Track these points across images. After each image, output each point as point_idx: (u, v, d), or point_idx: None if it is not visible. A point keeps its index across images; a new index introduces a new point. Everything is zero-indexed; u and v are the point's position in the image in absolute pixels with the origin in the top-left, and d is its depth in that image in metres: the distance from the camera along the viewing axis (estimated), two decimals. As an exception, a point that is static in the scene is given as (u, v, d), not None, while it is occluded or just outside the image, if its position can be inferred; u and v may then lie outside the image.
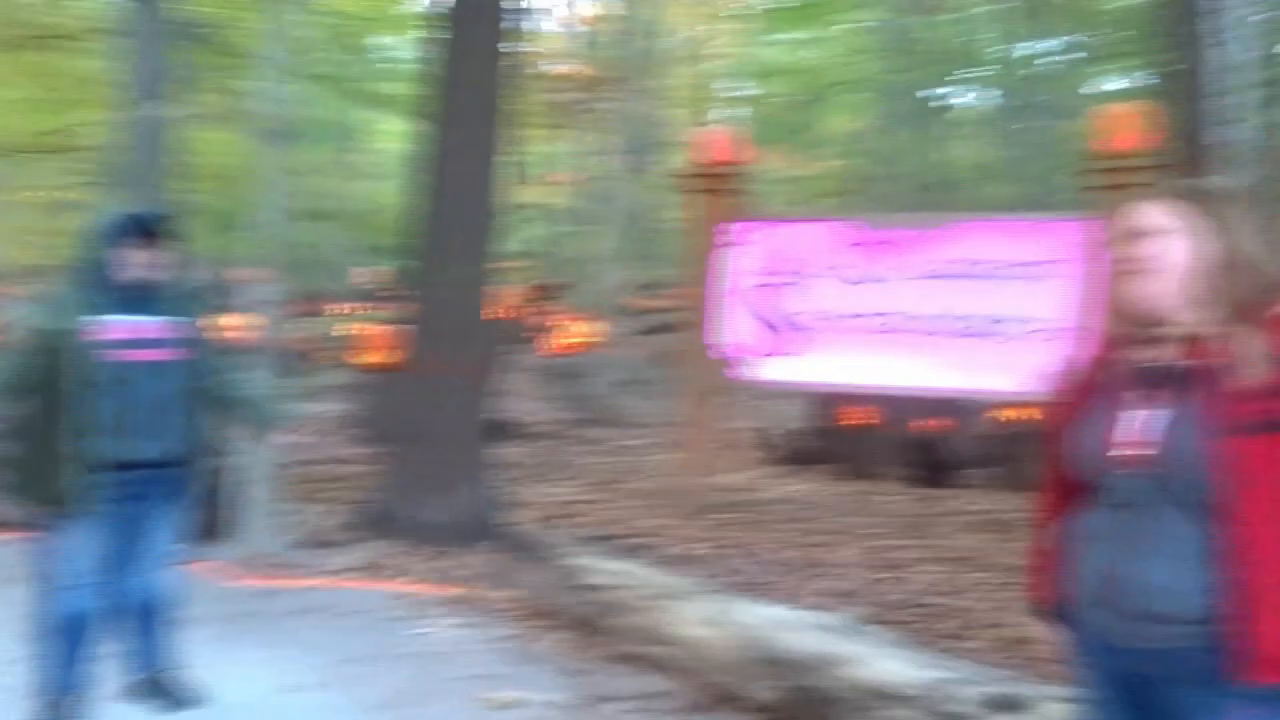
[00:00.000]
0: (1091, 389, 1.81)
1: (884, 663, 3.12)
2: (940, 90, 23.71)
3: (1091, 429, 1.77)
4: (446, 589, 4.67)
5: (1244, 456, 1.57)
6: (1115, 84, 21.57)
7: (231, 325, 8.23)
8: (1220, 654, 1.57)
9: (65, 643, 3.11)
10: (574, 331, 12.20)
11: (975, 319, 6.21)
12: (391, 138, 28.38)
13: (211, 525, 5.38)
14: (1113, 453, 1.72)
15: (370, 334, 9.32)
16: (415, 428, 5.52)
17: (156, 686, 3.34)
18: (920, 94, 22.46)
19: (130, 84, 7.19)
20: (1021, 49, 16.51)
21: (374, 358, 9.01)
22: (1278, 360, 1.59)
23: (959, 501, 7.08)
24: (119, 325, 3.05)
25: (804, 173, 27.76)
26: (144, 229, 3.08)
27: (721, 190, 6.89)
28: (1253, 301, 1.66)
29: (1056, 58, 18.56)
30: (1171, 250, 1.72)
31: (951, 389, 6.48)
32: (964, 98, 26.02)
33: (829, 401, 8.34)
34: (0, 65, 10.53)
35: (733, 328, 6.76)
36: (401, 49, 15.47)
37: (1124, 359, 1.76)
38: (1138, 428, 1.70)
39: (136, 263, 3.06)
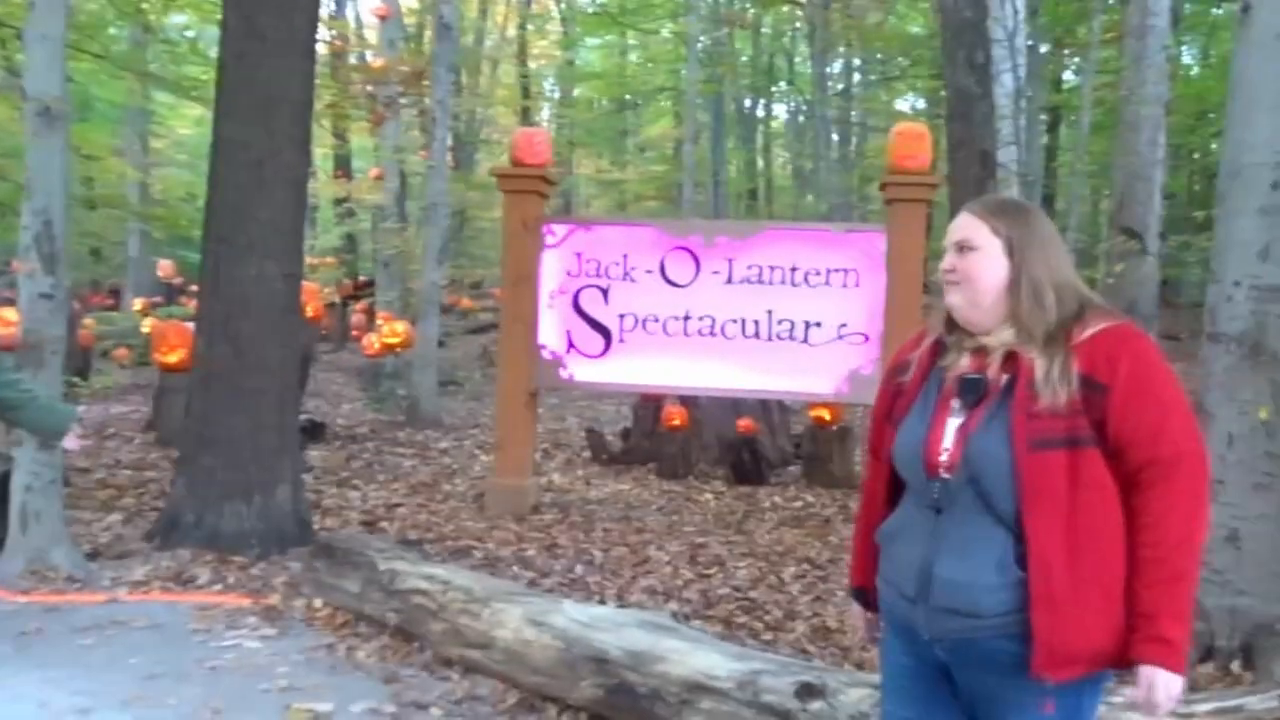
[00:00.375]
0: (913, 393, 1.93)
1: (701, 657, 3.22)
2: (754, 102, 24.68)
3: (910, 432, 1.89)
4: (256, 599, 4.48)
5: (1043, 470, 1.71)
6: (915, 103, 23.06)
7: (3, 320, 7.59)
8: (1017, 648, 1.71)
9: None
10: (393, 331, 11.90)
11: (786, 323, 6.48)
12: (196, 123, 26.89)
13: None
14: (928, 456, 1.83)
15: (170, 331, 8.77)
16: (214, 431, 5.24)
17: None
18: (737, 105, 23.27)
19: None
20: (828, 67, 17.30)
21: (174, 357, 8.48)
22: (1082, 381, 1.72)
23: (776, 498, 7.37)
24: None
25: (622, 177, 28.25)
26: None
27: (540, 191, 6.90)
28: (1062, 322, 1.78)
29: (859, 77, 19.58)
30: (982, 264, 1.83)
31: (764, 390, 6.73)
32: (777, 111, 27.20)
33: (651, 403, 8.50)
34: None
35: (552, 329, 6.78)
36: (202, 30, 14.68)
37: (945, 366, 1.89)
38: (951, 434, 1.82)
39: None
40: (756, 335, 6.51)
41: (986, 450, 1.75)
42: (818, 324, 6.43)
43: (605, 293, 6.71)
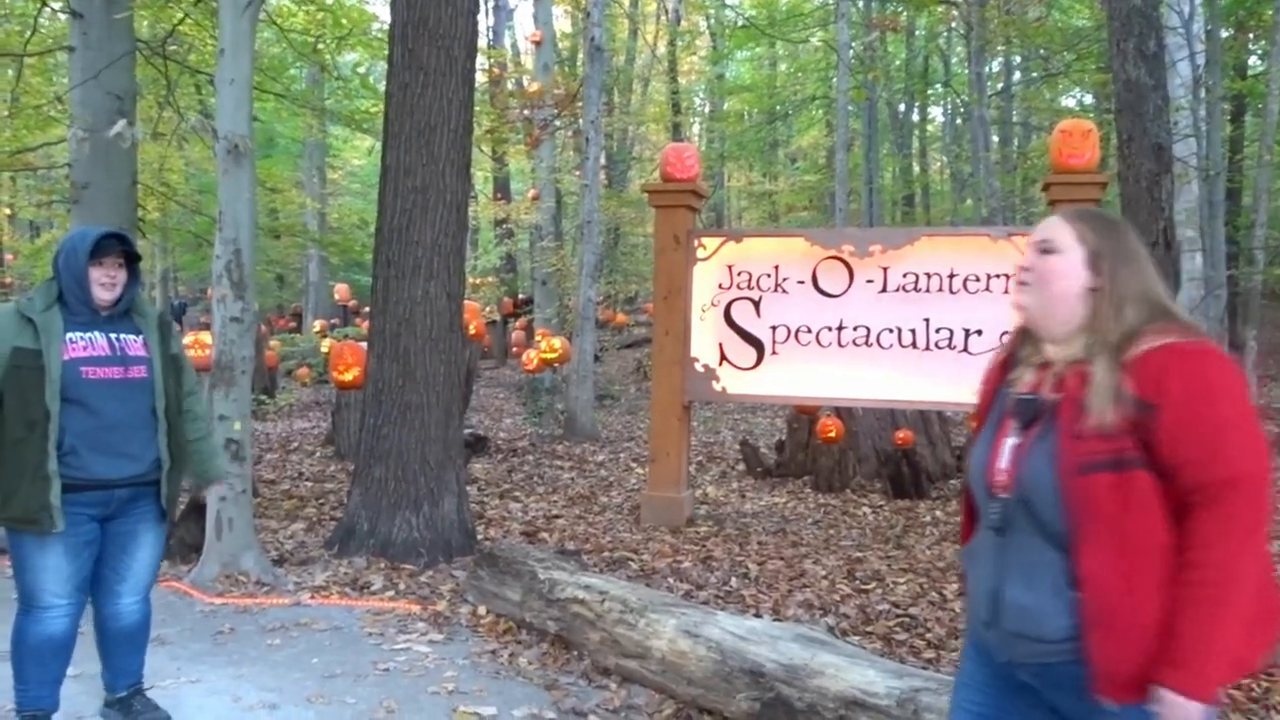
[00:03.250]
0: (984, 410, 1.91)
1: (859, 673, 3.16)
2: (909, 106, 24.10)
3: (977, 451, 1.87)
4: (424, 605, 4.68)
5: (1090, 493, 1.64)
6: (1080, 99, 21.99)
7: (200, 343, 8.22)
8: (1085, 671, 1.66)
9: (37, 663, 3.11)
10: (550, 347, 12.21)
11: (945, 331, 6.30)
12: (367, 154, 28.40)
13: (187, 544, 5.37)
14: (988, 477, 1.81)
15: (346, 350, 9.29)
16: (384, 445, 5.51)
17: (130, 708, 3.33)
18: (890, 110, 22.79)
19: (90, 101, 7.18)
20: (986, 66, 16.72)
21: (350, 375, 8.98)
22: (1131, 400, 1.63)
23: (937, 512, 7.16)
24: (88, 343, 3.08)
25: (773, 188, 28.10)
26: (107, 248, 3.11)
27: (690, 205, 6.96)
28: (1122, 337, 1.70)
29: (1019, 75, 18.83)
30: (1060, 269, 1.77)
31: (922, 401, 6.56)
32: (933, 114, 26.48)
33: (806, 415, 8.42)
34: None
35: (704, 341, 6.81)
36: (371, 66, 15.51)
37: (1012, 380, 1.85)
38: (1007, 455, 1.79)
39: (103, 282, 3.10)
40: (914, 344, 6.36)
41: (1036, 471, 1.71)
42: (978, 331, 6.23)
43: (757, 305, 6.70)
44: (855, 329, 6.47)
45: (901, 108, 23.83)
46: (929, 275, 6.35)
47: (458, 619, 4.52)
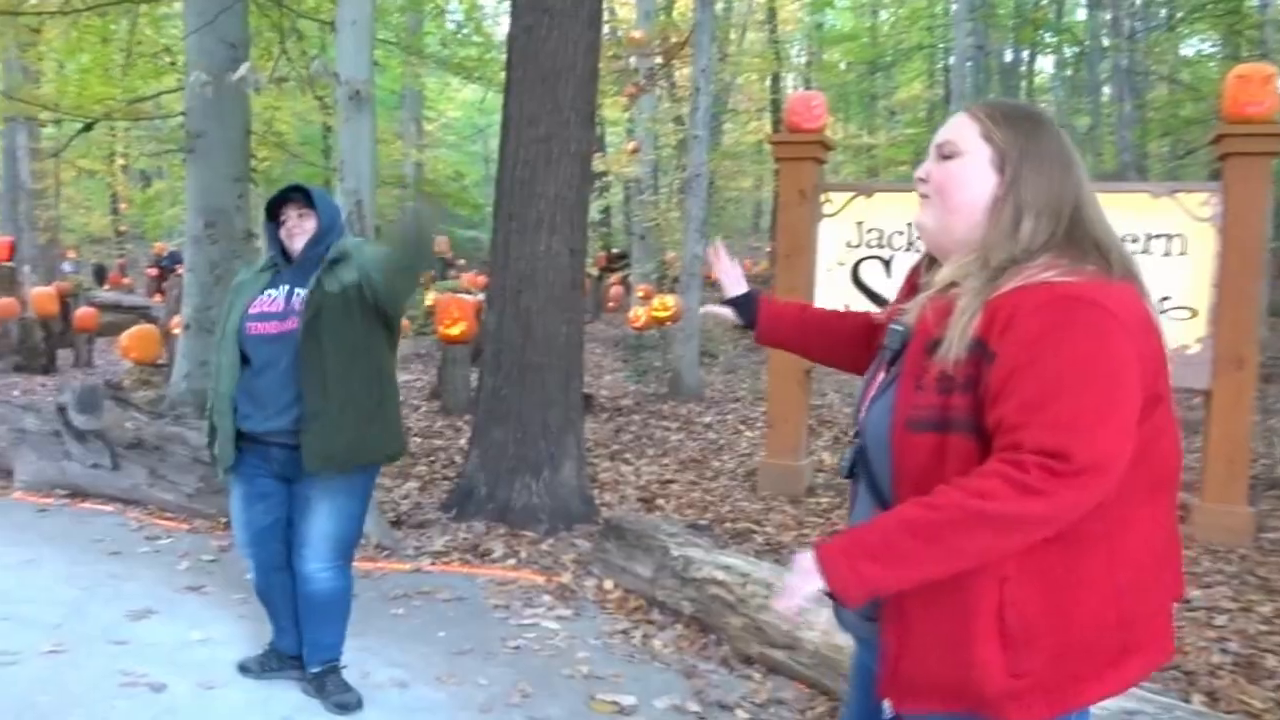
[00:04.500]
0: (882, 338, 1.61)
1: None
2: (1016, 56, 22.92)
3: (861, 386, 1.64)
4: (548, 577, 4.48)
5: (912, 454, 1.37)
6: (1199, 48, 20.59)
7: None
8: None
9: (264, 606, 3.32)
10: (663, 305, 11.94)
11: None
12: (463, 106, 28.35)
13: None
14: (856, 416, 1.58)
15: (453, 304, 9.15)
16: (504, 406, 5.31)
17: (323, 686, 3.20)
18: (999, 59, 21.69)
19: (205, 48, 7.08)
20: (1105, 13, 15.68)
21: (456, 329, 8.85)
22: (976, 345, 1.32)
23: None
24: (269, 299, 3.06)
25: (873, 141, 27.15)
26: (281, 203, 3.11)
27: (816, 157, 6.57)
28: (1006, 261, 1.37)
29: (1138, 24, 17.67)
30: (962, 176, 1.46)
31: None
32: (1040, 66, 25.18)
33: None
34: (66, 32, 10.50)
35: (829, 302, 6.44)
36: (475, 14, 15.28)
37: (905, 310, 1.53)
38: (868, 394, 1.55)
39: (282, 236, 3.11)
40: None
41: (875, 419, 1.48)
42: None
43: (888, 264, 6.30)
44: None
45: (1008, 56, 22.64)
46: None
47: (583, 593, 4.31)
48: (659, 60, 14.44)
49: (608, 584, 4.34)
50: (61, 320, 12.74)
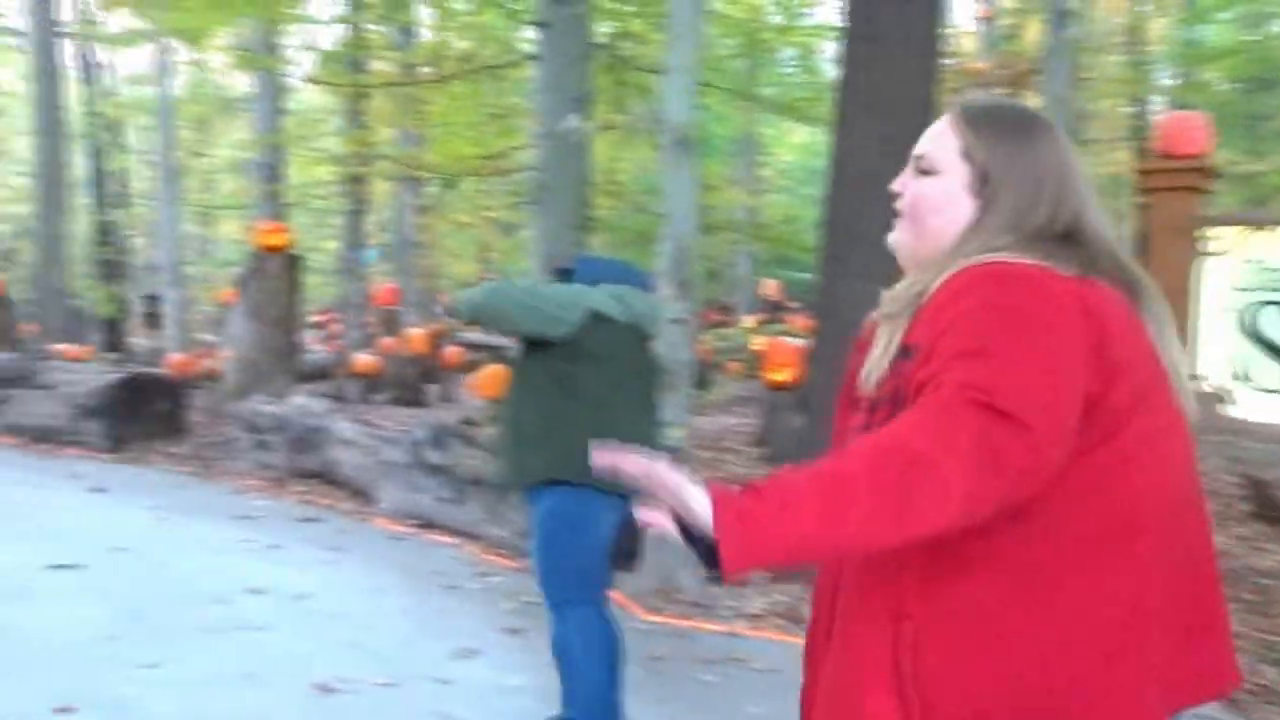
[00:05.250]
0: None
1: None
2: None
3: None
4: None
5: None
6: None
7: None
8: None
9: None
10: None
11: None
12: (797, 150, 28.62)
13: (630, 549, 5.26)
14: None
15: (780, 349, 9.00)
16: (815, 456, 5.00)
17: None
18: None
19: (547, 105, 7.47)
20: None
21: (782, 375, 8.67)
22: (902, 353, 1.19)
23: None
24: None
25: (1259, 168, 23.83)
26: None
27: (1196, 186, 5.73)
28: (940, 271, 1.22)
29: None
30: (934, 198, 1.31)
31: None
32: None
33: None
34: (441, 96, 11.66)
35: (1213, 355, 5.55)
36: (810, 57, 15.24)
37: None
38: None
39: None
40: None
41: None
42: None
43: (1288, 309, 5.32)
44: None
45: None
46: None
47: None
48: (1002, 90, 13.57)
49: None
50: (432, 358, 14.12)
